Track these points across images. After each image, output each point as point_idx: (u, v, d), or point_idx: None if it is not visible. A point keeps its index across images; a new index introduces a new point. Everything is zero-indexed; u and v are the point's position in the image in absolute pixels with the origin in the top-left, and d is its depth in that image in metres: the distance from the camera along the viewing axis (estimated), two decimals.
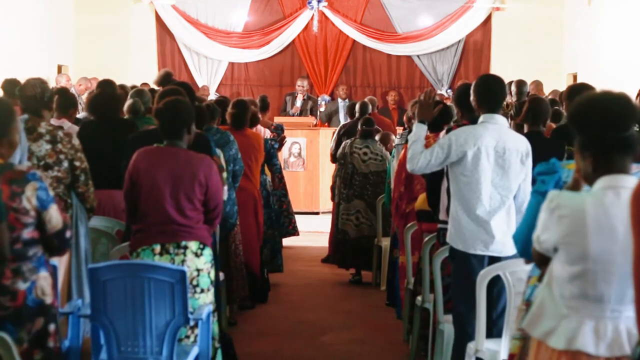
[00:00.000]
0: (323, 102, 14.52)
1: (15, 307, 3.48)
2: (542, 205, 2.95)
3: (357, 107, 9.70)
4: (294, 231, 9.44)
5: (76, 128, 6.20)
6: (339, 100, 14.09)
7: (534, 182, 3.47)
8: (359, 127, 8.63)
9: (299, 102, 13.64)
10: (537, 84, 11.16)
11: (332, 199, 9.38)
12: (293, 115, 13.44)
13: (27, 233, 3.51)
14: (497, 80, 4.96)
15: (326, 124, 13.94)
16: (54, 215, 3.57)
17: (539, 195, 3.44)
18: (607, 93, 2.87)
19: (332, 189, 9.15)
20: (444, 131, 5.27)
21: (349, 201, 8.49)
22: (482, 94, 4.86)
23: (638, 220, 2.53)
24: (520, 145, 4.81)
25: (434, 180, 5.24)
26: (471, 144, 4.75)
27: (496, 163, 4.76)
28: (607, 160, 2.80)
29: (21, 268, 3.50)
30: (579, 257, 2.78)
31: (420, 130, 4.95)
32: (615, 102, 2.82)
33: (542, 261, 3.00)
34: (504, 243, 4.73)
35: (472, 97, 4.91)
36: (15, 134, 3.61)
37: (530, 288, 3.51)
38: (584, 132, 2.85)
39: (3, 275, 3.46)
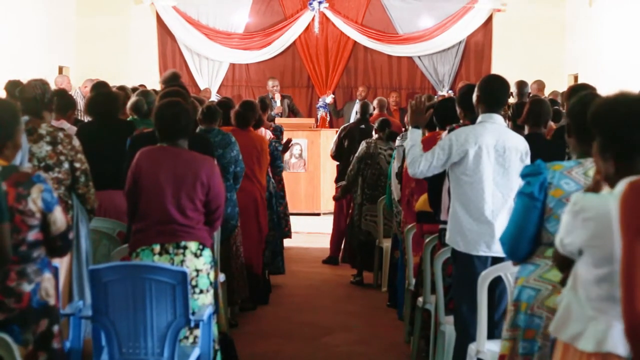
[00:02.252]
0: (331, 98, 14.57)
1: (21, 308, 3.50)
2: (566, 208, 2.90)
3: (358, 108, 9.68)
4: (289, 233, 9.44)
5: (74, 129, 6.19)
6: (357, 100, 14.03)
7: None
8: (378, 128, 8.52)
9: (278, 103, 13.59)
10: (539, 84, 11.15)
11: (335, 198, 9.29)
12: (275, 117, 13.33)
13: (32, 235, 3.53)
14: (501, 80, 4.97)
15: (324, 122, 13.93)
16: (59, 217, 3.60)
17: (524, 197, 3.44)
18: (629, 94, 2.85)
19: (346, 188, 8.92)
20: (445, 131, 5.28)
21: (374, 202, 8.44)
22: (484, 93, 4.88)
23: (625, 223, 2.54)
24: (519, 144, 4.83)
25: (435, 181, 5.23)
26: (472, 143, 4.76)
27: (497, 162, 4.77)
28: (630, 162, 2.77)
29: (26, 270, 3.52)
30: (606, 259, 2.75)
31: (415, 135, 5.00)
32: (635, 104, 2.80)
33: (564, 265, 2.98)
34: None
35: (474, 95, 4.92)
36: (20, 135, 3.64)
37: (518, 289, 3.52)
38: (606, 133, 2.82)
39: (8, 277, 3.47)
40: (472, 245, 4.75)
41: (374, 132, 8.60)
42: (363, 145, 8.47)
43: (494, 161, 4.77)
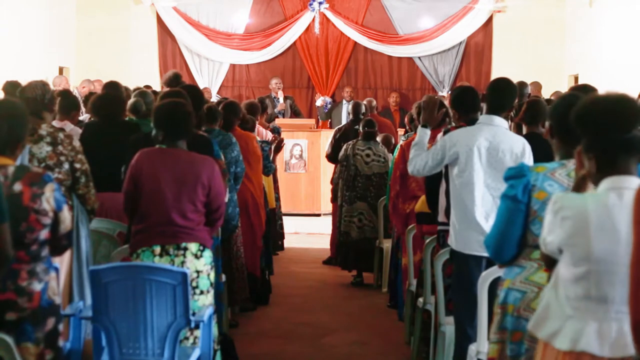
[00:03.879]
0: (322, 99, 14.53)
1: (32, 308, 3.53)
2: (547, 207, 2.94)
3: (350, 108, 9.71)
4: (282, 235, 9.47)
5: (78, 130, 6.20)
6: (344, 101, 14.08)
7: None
8: (360, 128, 8.59)
9: (281, 100, 13.59)
10: (536, 85, 11.16)
11: (332, 200, 9.37)
12: (278, 115, 13.35)
13: (44, 234, 3.57)
14: (508, 85, 4.98)
15: (325, 123, 13.94)
16: (67, 216, 3.66)
17: (507, 200, 3.45)
18: (609, 94, 2.88)
19: (334, 190, 9.12)
20: (441, 132, 5.29)
21: (351, 203, 8.46)
22: (490, 94, 4.92)
23: (638, 220, 2.54)
24: (515, 146, 4.82)
25: (433, 182, 5.25)
26: (463, 145, 4.80)
27: (489, 164, 4.78)
28: (610, 162, 2.80)
29: (35, 269, 3.55)
30: (583, 258, 2.78)
31: (422, 134, 5.05)
32: (617, 104, 2.82)
33: (549, 263, 3.00)
34: None
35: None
36: (27, 136, 3.68)
37: (504, 291, 3.52)
38: (586, 133, 2.85)
39: (19, 276, 3.50)
40: (466, 245, 4.79)
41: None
42: (343, 147, 8.53)
43: (485, 163, 4.78)
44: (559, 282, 2.88)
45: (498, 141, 4.80)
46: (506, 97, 4.94)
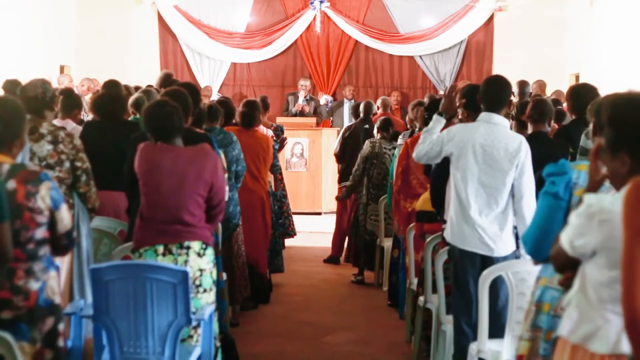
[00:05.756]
0: (324, 98, 14.51)
1: (28, 306, 3.52)
2: (577, 210, 2.87)
3: (362, 107, 9.62)
4: (292, 232, 9.41)
5: (80, 129, 6.19)
6: (345, 100, 14.07)
7: (542, 183, 3.43)
8: (381, 127, 8.48)
9: (301, 100, 13.59)
10: (540, 84, 11.15)
11: (340, 199, 9.18)
12: (295, 115, 13.40)
13: (40, 233, 3.55)
14: (501, 82, 5.02)
15: (328, 121, 13.94)
16: (65, 215, 3.63)
17: (549, 197, 3.39)
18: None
19: (352, 187, 8.79)
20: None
21: (378, 202, 8.40)
22: (485, 93, 4.96)
23: (628, 220, 2.53)
24: (510, 144, 4.84)
25: (438, 180, 5.25)
26: (458, 142, 4.87)
27: (484, 161, 4.82)
28: None
29: (33, 268, 3.54)
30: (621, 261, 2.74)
31: (436, 121, 5.15)
32: None
33: (566, 266, 2.96)
34: (494, 243, 4.78)
35: (478, 95, 5.02)
36: (25, 134, 3.66)
37: (540, 289, 3.48)
38: (623, 131, 2.80)
39: (15, 275, 3.49)
40: (460, 239, 4.85)
41: (375, 132, 8.58)
42: (368, 144, 8.43)
43: (480, 160, 4.83)
44: (588, 285, 2.84)
45: (493, 138, 4.84)
46: (501, 94, 4.98)
